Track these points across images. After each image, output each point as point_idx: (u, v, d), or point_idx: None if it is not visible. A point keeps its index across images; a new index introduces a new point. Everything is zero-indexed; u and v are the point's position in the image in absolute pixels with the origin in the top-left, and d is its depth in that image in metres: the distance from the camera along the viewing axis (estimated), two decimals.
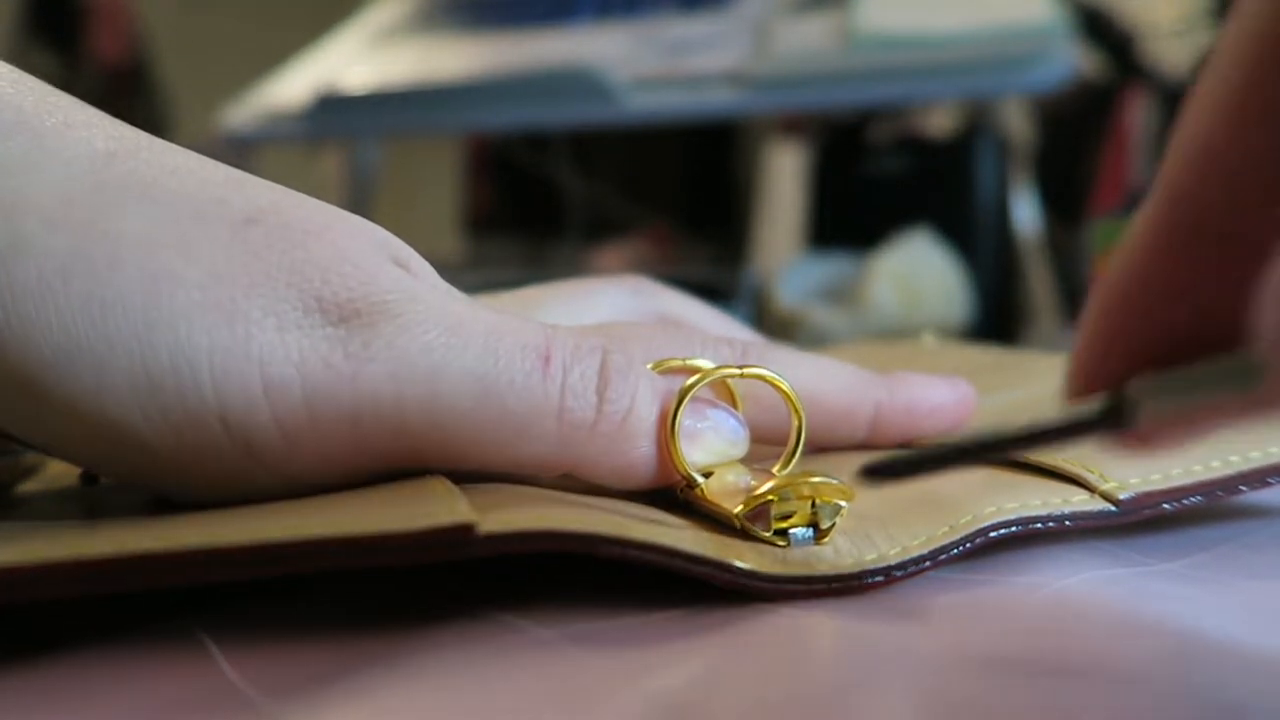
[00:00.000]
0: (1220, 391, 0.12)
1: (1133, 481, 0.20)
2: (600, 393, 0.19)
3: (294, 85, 0.76)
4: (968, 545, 0.18)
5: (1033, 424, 0.14)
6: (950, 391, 0.25)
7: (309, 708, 0.14)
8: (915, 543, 0.18)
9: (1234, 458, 0.20)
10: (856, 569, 0.17)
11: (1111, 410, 0.13)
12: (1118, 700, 0.14)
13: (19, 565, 0.15)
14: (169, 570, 0.15)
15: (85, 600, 0.17)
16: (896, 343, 0.47)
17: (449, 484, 0.18)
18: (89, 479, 0.24)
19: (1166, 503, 0.19)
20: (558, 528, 0.16)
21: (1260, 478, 0.20)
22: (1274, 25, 0.12)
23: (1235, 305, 0.12)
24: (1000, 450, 0.15)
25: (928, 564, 0.18)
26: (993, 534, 0.19)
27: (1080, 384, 0.14)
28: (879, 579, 0.18)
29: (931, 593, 0.18)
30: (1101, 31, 0.73)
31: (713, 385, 0.21)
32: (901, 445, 0.25)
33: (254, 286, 0.18)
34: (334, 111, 0.70)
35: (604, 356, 0.19)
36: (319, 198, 0.20)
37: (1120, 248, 0.14)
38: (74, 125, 0.19)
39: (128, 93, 1.64)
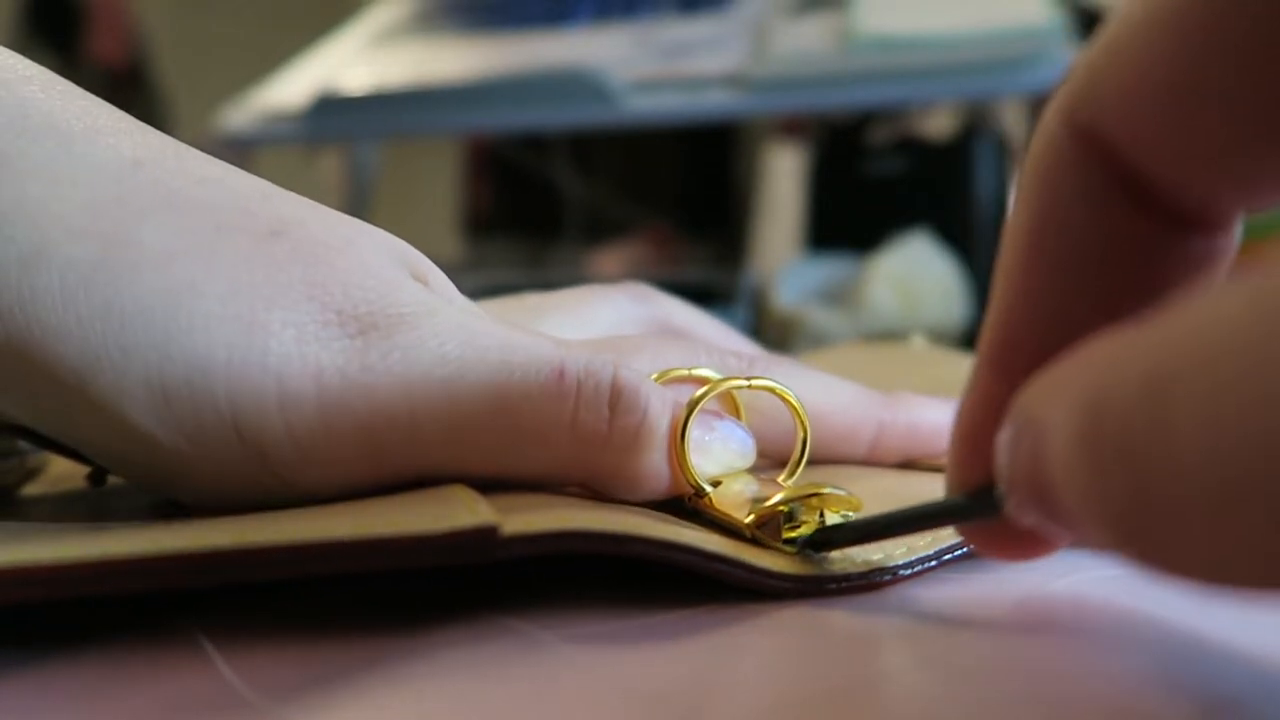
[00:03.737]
0: None
1: None
2: (612, 406, 0.19)
3: (292, 86, 0.76)
4: (971, 546, 0.19)
5: (924, 507, 0.17)
6: (950, 413, 0.25)
7: (306, 708, 0.14)
8: (921, 542, 0.18)
9: None
10: (865, 568, 0.18)
11: (981, 500, 0.15)
12: (1113, 698, 0.14)
13: (46, 563, 0.15)
14: (195, 570, 0.15)
15: (84, 601, 0.17)
16: (885, 344, 0.46)
17: (470, 490, 0.18)
18: (97, 480, 0.24)
19: None
20: (580, 527, 0.16)
21: None
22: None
23: None
24: (904, 528, 0.17)
25: (934, 563, 0.18)
26: None
27: (952, 483, 0.16)
28: (886, 578, 0.18)
29: (935, 591, 0.18)
30: (1100, 31, 0.73)
31: (718, 396, 0.21)
32: (901, 465, 0.25)
33: (274, 299, 0.18)
34: (333, 113, 0.70)
35: (616, 370, 0.19)
36: (317, 199, 0.20)
37: (964, 389, 0.16)
38: (102, 131, 0.19)
39: (126, 94, 1.64)
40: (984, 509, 0.15)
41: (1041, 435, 0.12)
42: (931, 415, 0.25)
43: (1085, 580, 0.18)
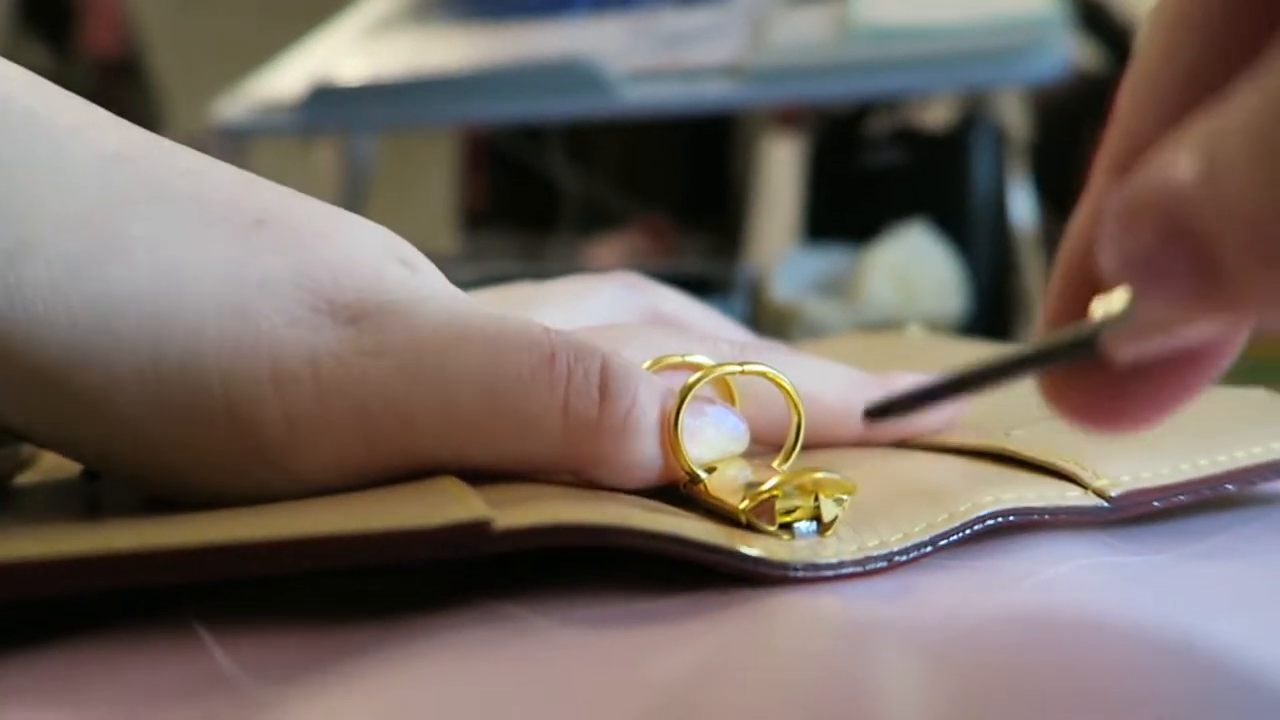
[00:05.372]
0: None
1: (1124, 479, 0.20)
2: (603, 391, 0.19)
3: (288, 77, 0.76)
4: (967, 532, 0.19)
5: (1012, 356, 0.15)
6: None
7: (302, 694, 0.14)
8: (916, 529, 0.18)
9: (1221, 457, 0.21)
10: (860, 554, 0.18)
11: (1078, 338, 0.14)
12: (1108, 688, 0.14)
13: (36, 559, 0.15)
14: (188, 566, 0.15)
15: None
16: (883, 334, 0.47)
17: (461, 483, 0.18)
18: (91, 474, 0.23)
19: (1157, 500, 0.20)
20: (571, 521, 0.16)
21: (1245, 477, 0.21)
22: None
23: None
24: (992, 378, 0.15)
25: (929, 549, 0.18)
26: (990, 521, 0.19)
27: (1048, 320, 0.15)
28: (881, 564, 0.18)
29: (930, 578, 0.18)
30: (1099, 23, 0.73)
31: (711, 382, 0.21)
32: (896, 444, 0.25)
33: (264, 287, 0.18)
34: (328, 104, 0.70)
35: (605, 357, 0.19)
36: (312, 191, 0.20)
37: (1075, 212, 0.15)
38: (84, 127, 0.19)
39: (120, 85, 1.63)
40: (1080, 348, 0.14)
41: (1171, 182, 0.11)
42: None
43: (1080, 569, 0.18)
